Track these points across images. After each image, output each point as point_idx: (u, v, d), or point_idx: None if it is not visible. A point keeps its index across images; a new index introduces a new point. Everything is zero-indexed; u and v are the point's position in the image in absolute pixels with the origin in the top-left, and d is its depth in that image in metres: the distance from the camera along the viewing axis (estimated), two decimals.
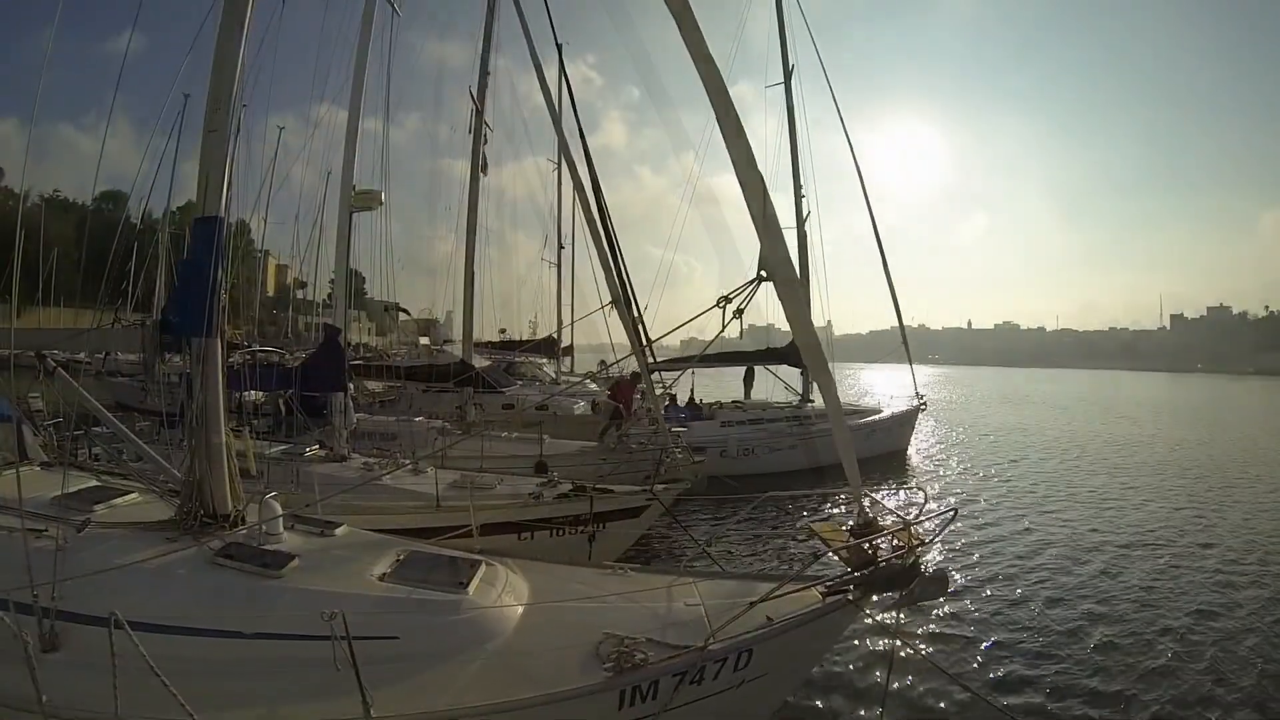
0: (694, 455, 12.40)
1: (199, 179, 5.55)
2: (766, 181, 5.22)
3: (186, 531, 5.23)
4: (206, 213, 5.47)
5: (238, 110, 6.04)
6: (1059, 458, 25.66)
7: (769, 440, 19.68)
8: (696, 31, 5.13)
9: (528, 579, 5.56)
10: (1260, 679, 7.68)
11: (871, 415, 23.78)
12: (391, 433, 14.20)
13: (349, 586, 4.88)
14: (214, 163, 5.51)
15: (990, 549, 12.59)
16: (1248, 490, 19.51)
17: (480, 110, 17.78)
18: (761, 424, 20.38)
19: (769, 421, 20.49)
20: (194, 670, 3.99)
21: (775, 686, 5.24)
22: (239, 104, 6.07)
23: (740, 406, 22.18)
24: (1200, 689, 7.40)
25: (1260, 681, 7.63)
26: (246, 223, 24.57)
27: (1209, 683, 7.53)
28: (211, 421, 5.45)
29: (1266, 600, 10.16)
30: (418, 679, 4.31)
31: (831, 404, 6.09)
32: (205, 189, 5.48)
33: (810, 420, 20.68)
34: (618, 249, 12.10)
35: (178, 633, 4.29)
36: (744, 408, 21.96)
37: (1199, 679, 7.62)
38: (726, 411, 21.24)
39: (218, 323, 5.47)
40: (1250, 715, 7.00)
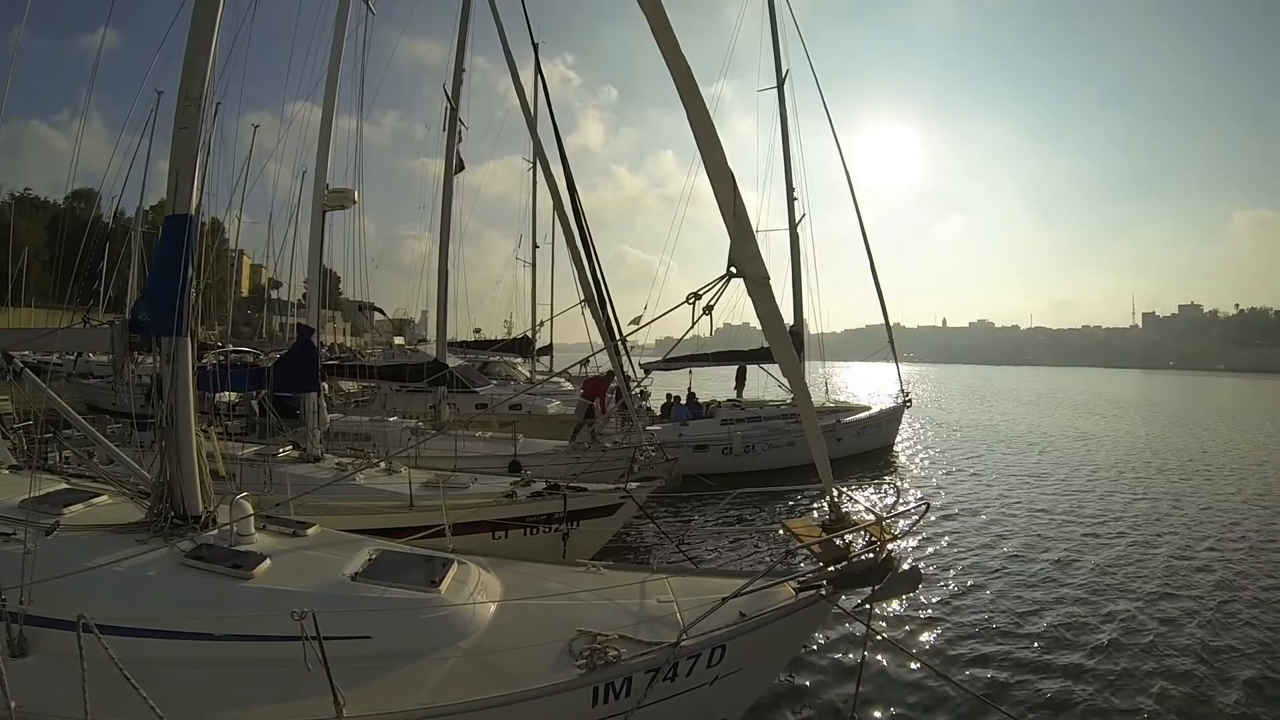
0: (667, 453, 12.39)
1: (169, 177, 5.49)
2: (758, 183, 5.24)
3: (157, 533, 5.17)
4: (177, 211, 5.41)
5: (209, 108, 5.98)
6: (1029, 452, 26.30)
7: (769, 437, 19.79)
8: (669, 32, 5.13)
9: (500, 577, 5.54)
10: (1198, 657, 8.08)
11: (861, 413, 24.06)
12: (365, 433, 14.14)
13: (320, 586, 4.84)
14: (185, 161, 5.45)
15: (961, 541, 12.83)
16: (1204, 483, 20.18)
17: (455, 108, 17.70)
18: (760, 421, 20.49)
19: (768, 419, 20.63)
20: (165, 673, 3.96)
21: (749, 682, 5.25)
22: (211, 101, 5.99)
23: (737, 404, 22.35)
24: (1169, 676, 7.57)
25: (1197, 659, 8.05)
26: (220, 221, 24.41)
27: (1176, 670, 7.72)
28: (182, 422, 5.39)
29: (1214, 584, 10.73)
30: (390, 678, 4.28)
31: (802, 400, 6.17)
32: (176, 187, 5.42)
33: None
34: (592, 249, 12.11)
35: (148, 635, 4.25)
36: (741, 405, 22.14)
37: (1171, 668, 7.80)
38: (725, 410, 21.39)
39: (188, 322, 5.41)
40: (1186, 689, 7.31)
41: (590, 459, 12.69)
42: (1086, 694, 7.21)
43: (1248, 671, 7.76)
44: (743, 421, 20.21)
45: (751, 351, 22.45)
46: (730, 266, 5.09)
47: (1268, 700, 7.17)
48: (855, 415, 23.52)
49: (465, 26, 17.91)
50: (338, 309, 56.39)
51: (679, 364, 21.65)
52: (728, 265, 5.08)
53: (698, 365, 21.86)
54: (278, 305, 45.97)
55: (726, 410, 21.36)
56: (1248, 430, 35.99)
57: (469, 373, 22.86)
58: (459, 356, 24.97)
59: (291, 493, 6.95)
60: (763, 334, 5.65)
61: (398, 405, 18.33)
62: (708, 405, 21.60)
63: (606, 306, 12.33)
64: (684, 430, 19.60)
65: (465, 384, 21.14)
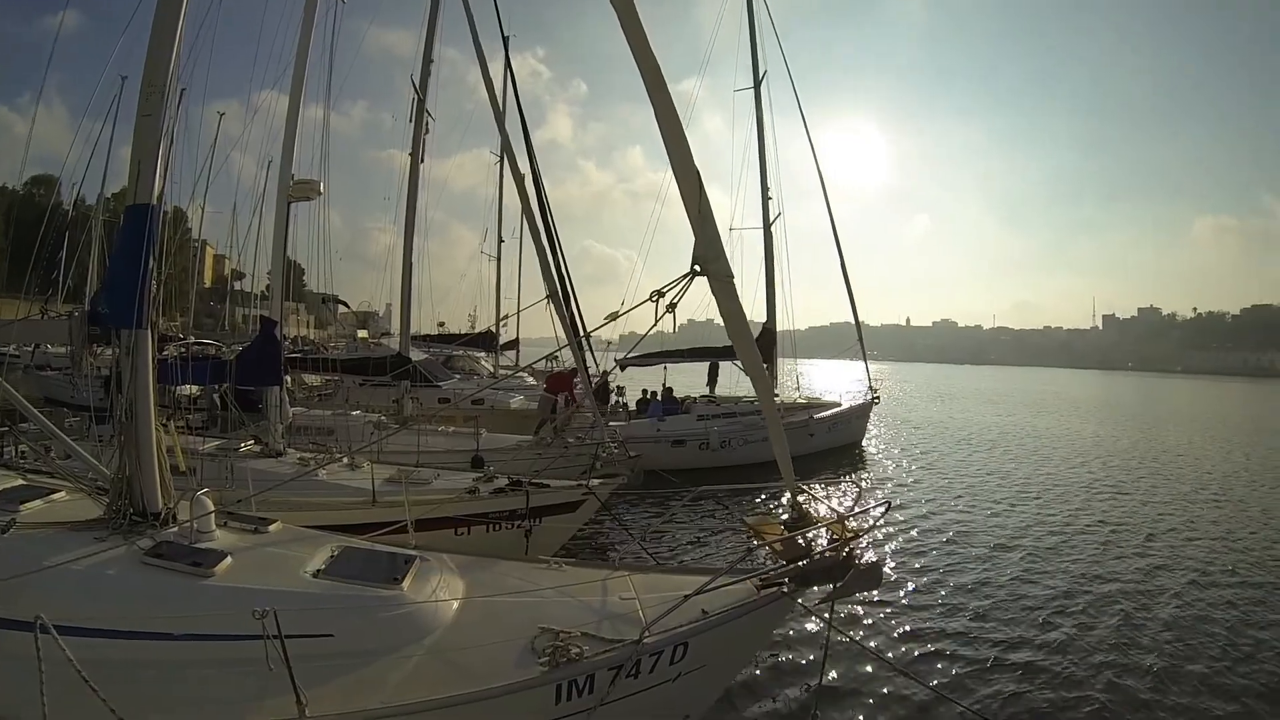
0: (629, 450, 12.44)
1: (131, 165, 5.34)
2: (733, 182, 5.24)
3: (116, 530, 5.05)
4: (139, 200, 5.27)
5: (174, 94, 5.85)
6: (990, 449, 26.98)
7: (744, 432, 19.99)
8: (639, 28, 5.10)
9: (463, 574, 5.50)
10: (1155, 650, 8.38)
11: (832, 409, 24.50)
12: (328, 427, 14.00)
13: (282, 584, 4.76)
14: (147, 149, 5.30)
15: (922, 538, 13.04)
16: (1161, 481, 20.84)
17: (422, 100, 17.54)
18: (735, 417, 20.73)
19: (743, 414, 20.87)
20: (124, 674, 3.86)
21: (712, 678, 5.26)
22: (175, 87, 5.86)
23: (712, 400, 22.55)
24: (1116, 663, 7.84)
25: (1155, 652, 8.35)
26: (184, 211, 24.00)
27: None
28: (141, 416, 5.27)
29: (1144, 570, 11.52)
30: (353, 676, 4.23)
31: (765, 399, 6.18)
32: (138, 175, 5.29)
33: (780, 413, 20.98)
34: (557, 244, 12.08)
35: (107, 635, 4.15)
36: (716, 401, 22.35)
37: (1128, 660, 8.04)
38: (701, 405, 21.59)
39: (149, 314, 5.30)
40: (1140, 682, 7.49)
41: (553, 455, 12.66)
42: (1045, 686, 7.37)
43: (1198, 666, 8.01)
44: (718, 417, 20.40)
45: (725, 348, 22.53)
46: (694, 264, 5.06)
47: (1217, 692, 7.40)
48: (826, 412, 23.90)
49: (435, 17, 17.72)
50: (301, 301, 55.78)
51: (653, 360, 21.87)
52: (692, 263, 5.07)
53: (672, 361, 22.01)
54: (241, 297, 45.27)
55: (702, 406, 21.54)
56: (1198, 430, 37.05)
57: (432, 367, 22.78)
58: (422, 350, 24.86)
59: (253, 488, 6.85)
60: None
61: (360, 399, 18.18)
62: (683, 401, 21.81)
63: (571, 302, 12.31)
64: (661, 426, 19.78)
65: (428, 378, 21.06)
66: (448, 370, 25.22)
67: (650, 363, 21.89)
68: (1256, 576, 11.27)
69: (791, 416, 22.15)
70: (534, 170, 12.96)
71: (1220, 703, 7.22)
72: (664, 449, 18.80)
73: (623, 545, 11.40)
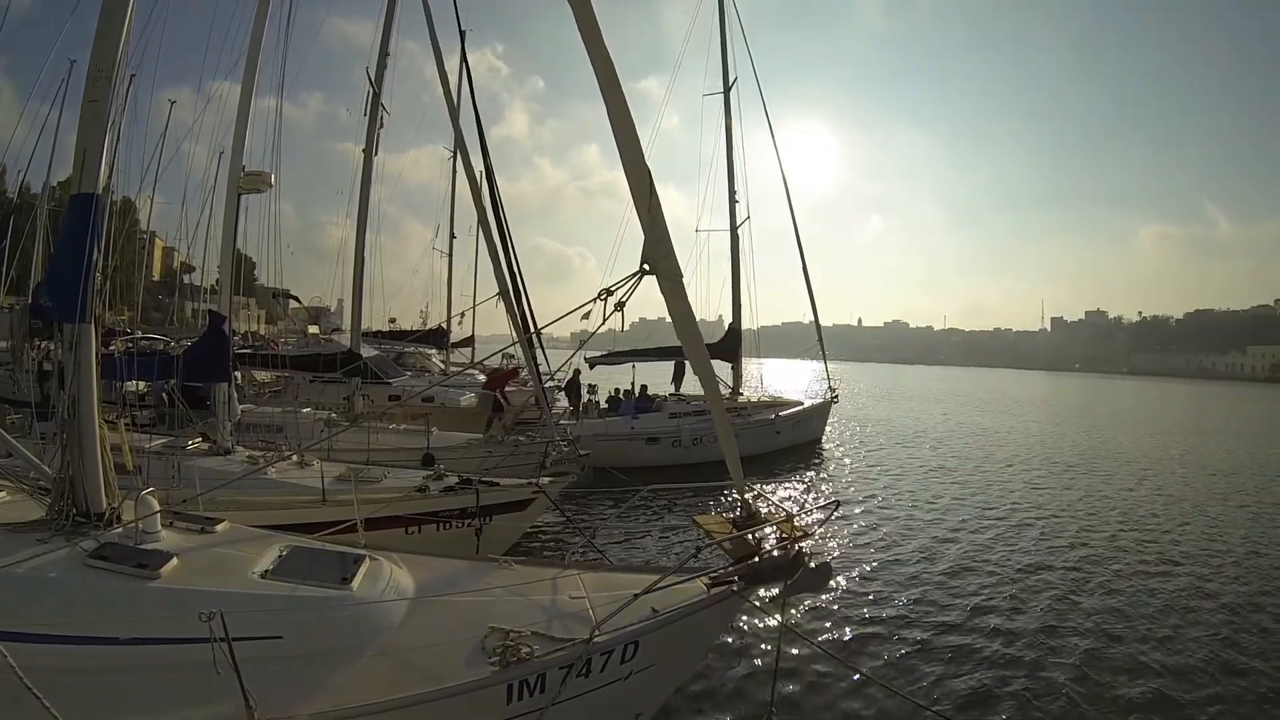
0: (579, 448, 12.43)
1: (76, 153, 5.18)
2: (700, 184, 5.23)
3: (58, 532, 4.90)
4: (84, 189, 5.11)
5: (122, 80, 5.69)
6: (936, 447, 27.69)
7: (714, 430, 19.95)
8: (594, 25, 5.09)
9: (413, 573, 5.44)
10: (1098, 637, 8.72)
11: (795, 407, 24.90)
12: (277, 424, 13.79)
13: (229, 585, 4.66)
14: (93, 136, 5.15)
15: (871, 535, 13.31)
16: (1089, 475, 21.70)
17: (378, 93, 17.33)
18: (705, 415, 20.58)
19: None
20: (68, 680, 3.76)
21: (664, 677, 5.27)
22: (123, 72, 5.69)
23: (682, 399, 22.76)
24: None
25: (1098, 639, 8.71)
26: (133, 201, 23.45)
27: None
28: (84, 413, 5.11)
29: (1082, 557, 12.26)
30: (303, 678, 4.17)
31: (712, 397, 6.24)
32: (83, 164, 5.13)
33: (747, 411, 22.25)
34: (509, 241, 12.02)
35: (50, 640, 4.03)
36: (685, 400, 22.55)
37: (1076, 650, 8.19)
38: (672, 404, 21.80)
39: (92, 307, 5.14)
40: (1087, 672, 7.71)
41: (503, 453, 12.61)
42: (992, 674, 7.59)
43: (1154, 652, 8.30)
44: (689, 415, 20.63)
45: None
46: (643, 263, 5.07)
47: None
48: (790, 410, 24.33)
49: (392, 8, 17.54)
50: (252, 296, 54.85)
51: (623, 358, 22.18)
52: (641, 262, 5.07)
53: (641, 360, 22.20)
54: (191, 290, 44.33)
55: (674, 404, 21.75)
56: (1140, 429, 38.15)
57: (383, 364, 22.61)
58: (374, 347, 24.65)
59: (201, 487, 6.69)
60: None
61: (311, 396, 17.96)
62: (655, 399, 21.96)
63: (522, 299, 12.27)
64: (635, 424, 19.94)
65: (379, 375, 20.86)
66: (399, 367, 25.03)
67: (620, 361, 22.20)
68: (1185, 566, 11.93)
69: (759, 415, 22.73)
70: (487, 166, 12.88)
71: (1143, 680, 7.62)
72: (638, 446, 19.03)
73: (574, 543, 11.37)
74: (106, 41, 5.18)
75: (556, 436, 12.59)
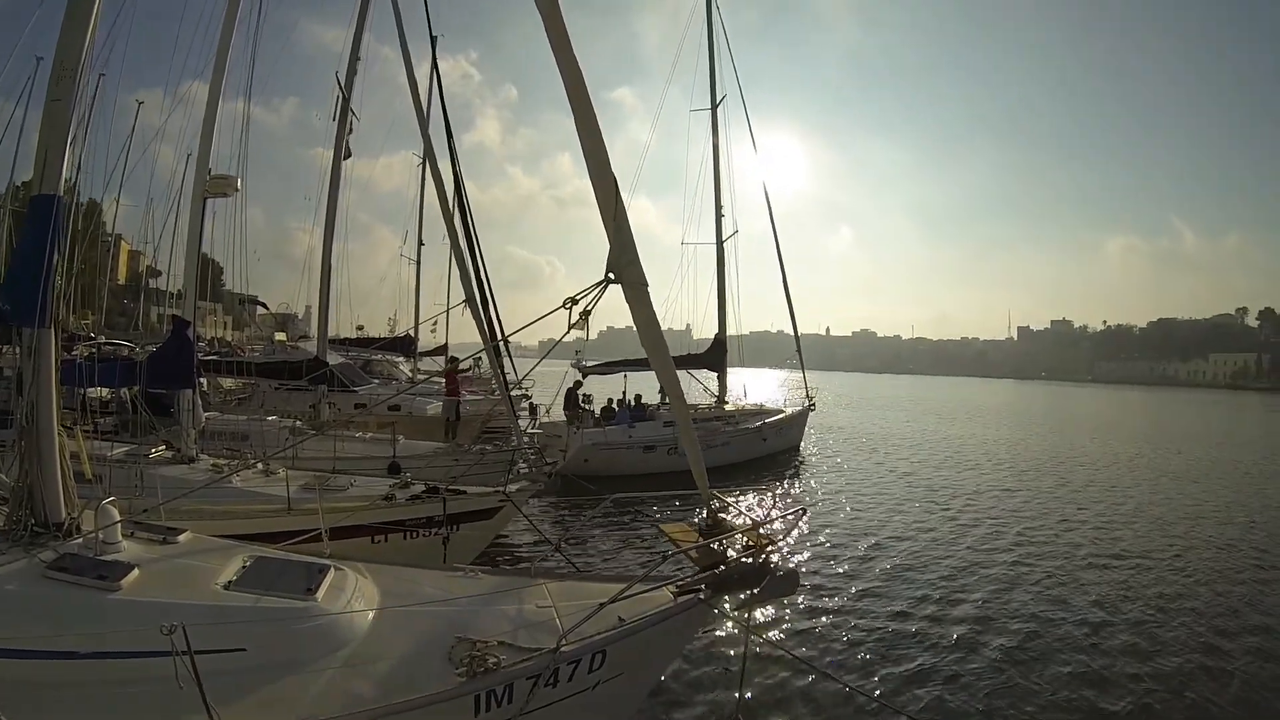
0: (545, 456, 12.40)
1: (38, 153, 5.04)
2: (685, 197, 5.21)
3: (16, 543, 4.78)
4: (45, 190, 5.00)
5: (86, 79, 5.55)
6: (903, 453, 28.46)
7: (706, 438, 20.53)
8: (563, 32, 5.07)
9: (378, 583, 5.38)
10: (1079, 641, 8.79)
11: (778, 415, 25.58)
12: (242, 432, 13.61)
13: (192, 597, 4.58)
14: (56, 136, 5.02)
15: (838, 541, 13.43)
16: (1052, 478, 22.39)
17: (347, 98, 17.22)
18: (698, 424, 20.98)
19: (703, 421, 21.72)
20: (26, 695, 3.70)
21: (632, 686, 5.25)
22: (87, 72, 5.56)
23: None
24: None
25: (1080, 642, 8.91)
26: (99, 203, 23.04)
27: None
28: (43, 420, 4.98)
29: (1036, 555, 12.81)
30: (267, 691, 4.10)
31: (678, 407, 6.28)
32: (44, 164, 5.01)
33: (735, 419, 22.88)
34: (477, 248, 11.98)
35: (7, 655, 3.93)
36: None
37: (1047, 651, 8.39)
38: (665, 413, 21.94)
39: (52, 312, 5.02)
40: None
41: (470, 461, 12.54)
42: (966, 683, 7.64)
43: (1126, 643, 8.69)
44: None
45: (685, 357, 23.94)
46: (609, 272, 5.06)
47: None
48: (775, 417, 25.04)
49: (364, 13, 17.46)
50: (219, 301, 54.17)
51: (616, 368, 22.53)
52: (606, 270, 5.05)
53: (633, 370, 22.28)
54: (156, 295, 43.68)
55: (668, 413, 21.77)
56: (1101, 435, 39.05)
57: (349, 371, 22.42)
58: (340, 354, 24.44)
59: (163, 496, 6.58)
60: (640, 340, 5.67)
61: (277, 404, 17.75)
62: (649, 408, 22.29)
63: (489, 307, 12.22)
64: (633, 432, 20.11)
65: (345, 383, 20.70)
66: (366, 375, 24.83)
67: (612, 370, 22.54)
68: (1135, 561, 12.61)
69: (748, 422, 23.28)
70: (456, 174, 12.81)
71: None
72: (636, 454, 19.25)
73: (541, 552, 11.33)
74: (71, 39, 5.06)
75: (523, 444, 12.51)
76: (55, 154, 5.01)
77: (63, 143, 5.06)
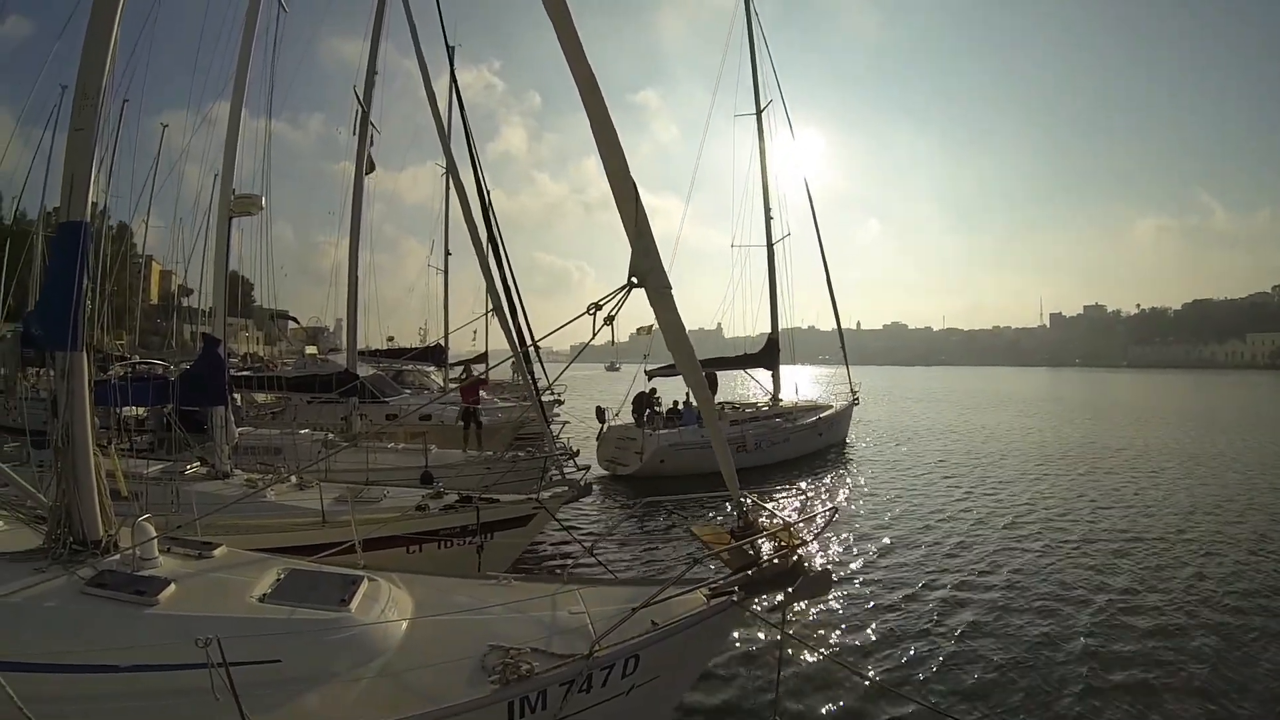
0: (577, 460, 12.44)
1: (64, 180, 5.13)
2: (733, 201, 5.23)
3: (55, 560, 4.87)
4: (72, 217, 5.09)
5: (109, 106, 5.66)
6: (936, 446, 28.24)
7: (771, 434, 21.69)
8: (574, 38, 5.10)
9: (411, 593, 5.41)
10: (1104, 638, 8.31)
11: (828, 410, 26.21)
12: (275, 446, 13.75)
13: (227, 609, 4.65)
14: (80, 163, 5.11)
15: (872, 538, 13.19)
16: (1091, 473, 21.28)
17: (366, 111, 17.35)
18: (760, 421, 22.22)
19: (766, 419, 22.55)
20: (68, 709, 3.78)
21: (666, 690, 5.24)
22: (109, 98, 5.66)
23: (733, 406, 24.29)
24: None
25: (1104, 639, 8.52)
26: (128, 226, 23.37)
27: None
28: (78, 441, 5.09)
29: (1086, 553, 12.17)
30: (302, 702, 4.14)
31: (706, 409, 6.27)
32: (70, 191, 5.11)
33: (794, 415, 23.48)
34: (503, 256, 12.03)
35: (49, 670, 4.02)
36: (739, 408, 23.99)
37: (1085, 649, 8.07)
38: (730, 412, 22.88)
39: (84, 335, 5.12)
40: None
41: (502, 469, 12.58)
42: (1005, 679, 7.50)
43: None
44: (747, 421, 21.81)
45: (741, 358, 25.36)
46: (631, 276, 5.08)
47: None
48: (827, 412, 25.82)
49: (379, 26, 17.56)
50: (250, 317, 54.81)
51: (676, 370, 22.45)
52: (629, 275, 5.08)
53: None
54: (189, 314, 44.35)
55: (732, 412, 22.81)
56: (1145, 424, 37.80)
57: (380, 382, 22.59)
58: (371, 366, 24.62)
59: (199, 511, 6.68)
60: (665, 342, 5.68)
61: (309, 417, 17.92)
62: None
63: (518, 314, 12.28)
64: (704, 431, 20.07)
65: (376, 394, 20.87)
66: (398, 386, 25.00)
67: (674, 373, 22.58)
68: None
69: (804, 418, 23.91)
70: (479, 181, 12.86)
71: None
72: (708, 452, 19.24)
73: (574, 558, 11.34)
74: (91, 68, 5.14)
75: (555, 451, 12.55)
76: (81, 181, 5.10)
77: (88, 170, 5.15)
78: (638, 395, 21.43)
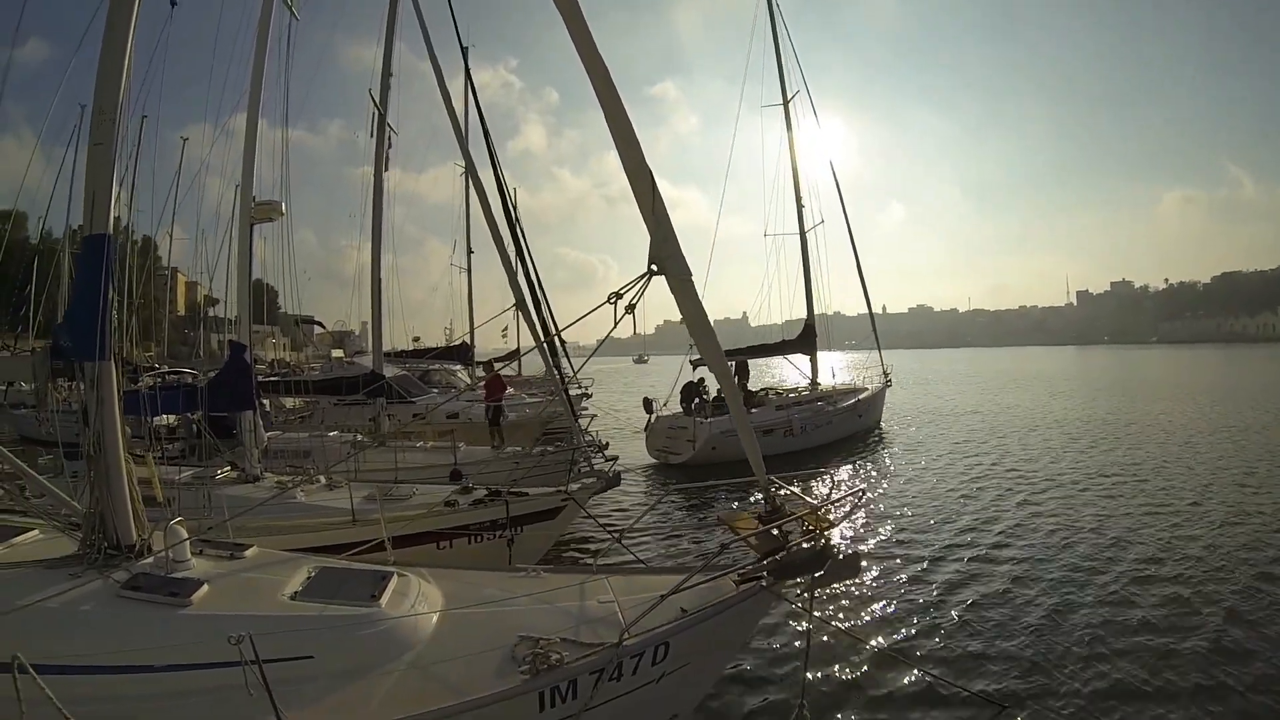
0: (605, 451, 12.54)
1: (86, 195, 5.24)
2: (764, 190, 5.26)
3: (91, 565, 4.97)
4: (95, 230, 5.18)
5: (126, 122, 5.76)
6: (963, 427, 28.52)
7: (815, 418, 22.19)
8: (585, 31, 5.13)
9: (440, 587, 5.48)
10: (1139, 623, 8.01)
11: (865, 393, 26.65)
12: (304, 449, 13.91)
13: (260, 608, 4.74)
14: (101, 178, 5.21)
15: (900, 521, 13.04)
16: (1120, 451, 20.98)
17: (383, 114, 17.46)
18: (803, 406, 22.70)
19: (809, 402, 23.11)
20: (106, 710, 3.86)
21: (696, 677, 5.28)
22: (125, 114, 5.75)
23: (776, 392, 24.72)
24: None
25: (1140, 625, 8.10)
26: (153, 239, 23.65)
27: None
28: (110, 449, 5.19)
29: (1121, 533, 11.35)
30: (335, 697, 4.22)
31: (731, 396, 6.24)
32: (92, 206, 5.22)
33: (834, 399, 23.98)
34: (525, 251, 12.07)
35: (86, 672, 4.10)
36: (781, 394, 24.39)
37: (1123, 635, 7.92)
38: (774, 398, 23.43)
39: (111, 345, 5.23)
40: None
41: (530, 463, 12.67)
42: (1038, 665, 7.36)
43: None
44: (792, 406, 22.32)
45: (780, 344, 26.45)
46: (651, 265, 5.11)
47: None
48: (864, 395, 26.60)
49: (392, 28, 17.68)
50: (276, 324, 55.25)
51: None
52: (648, 264, 5.11)
53: (735, 358, 22.81)
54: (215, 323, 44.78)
55: (775, 398, 23.30)
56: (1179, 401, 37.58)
57: (406, 382, 22.75)
58: (397, 366, 24.78)
59: (230, 514, 6.80)
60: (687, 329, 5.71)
61: (338, 419, 18.09)
62: (757, 395, 23.15)
63: (542, 308, 12.33)
64: (751, 418, 20.28)
65: (402, 394, 21.02)
66: (424, 385, 25.15)
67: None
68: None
69: (844, 400, 24.43)
70: (498, 179, 12.93)
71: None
72: (757, 439, 19.85)
73: (603, 548, 11.41)
74: (107, 85, 5.22)
75: (583, 443, 12.64)
76: (102, 195, 5.20)
77: (108, 184, 5.24)
78: (686, 385, 21.55)
